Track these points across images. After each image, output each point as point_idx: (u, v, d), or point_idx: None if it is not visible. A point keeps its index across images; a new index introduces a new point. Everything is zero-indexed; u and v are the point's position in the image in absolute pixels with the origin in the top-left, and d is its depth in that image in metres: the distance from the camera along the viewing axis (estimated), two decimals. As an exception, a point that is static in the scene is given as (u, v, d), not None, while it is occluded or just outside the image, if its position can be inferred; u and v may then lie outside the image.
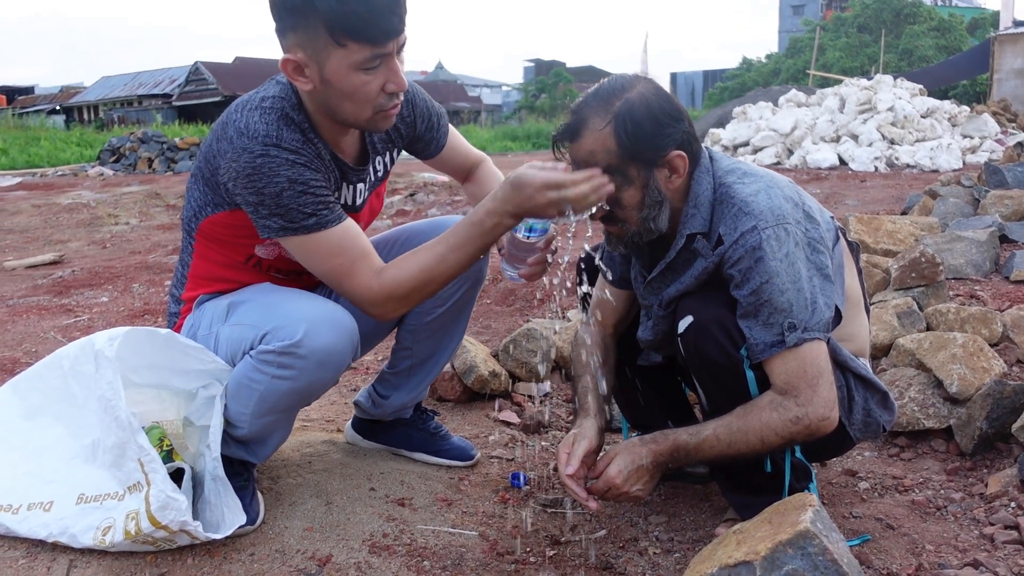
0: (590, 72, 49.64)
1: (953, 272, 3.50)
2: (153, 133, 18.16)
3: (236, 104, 1.72)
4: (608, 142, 1.62)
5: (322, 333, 1.67)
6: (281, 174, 1.62)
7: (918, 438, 2.35)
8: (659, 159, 1.64)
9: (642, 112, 1.61)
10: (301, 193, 1.63)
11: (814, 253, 1.65)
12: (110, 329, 1.80)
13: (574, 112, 1.67)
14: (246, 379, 1.73)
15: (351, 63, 1.57)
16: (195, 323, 1.88)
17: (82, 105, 45.72)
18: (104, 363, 1.72)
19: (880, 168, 11.07)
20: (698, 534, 1.94)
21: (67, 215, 8.72)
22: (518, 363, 2.88)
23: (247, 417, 1.77)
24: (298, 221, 1.65)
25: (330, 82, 1.61)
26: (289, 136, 1.65)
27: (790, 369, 1.61)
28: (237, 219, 1.74)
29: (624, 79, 1.67)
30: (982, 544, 1.79)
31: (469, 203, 2.21)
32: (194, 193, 1.80)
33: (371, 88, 1.62)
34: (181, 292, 1.94)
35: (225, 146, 1.65)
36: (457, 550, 1.84)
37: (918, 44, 31.82)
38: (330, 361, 1.70)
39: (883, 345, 2.74)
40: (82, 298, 4.81)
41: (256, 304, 1.78)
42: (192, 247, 1.87)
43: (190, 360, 1.81)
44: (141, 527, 1.63)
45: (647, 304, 1.86)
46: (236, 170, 1.63)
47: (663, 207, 1.68)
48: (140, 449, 1.67)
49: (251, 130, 1.63)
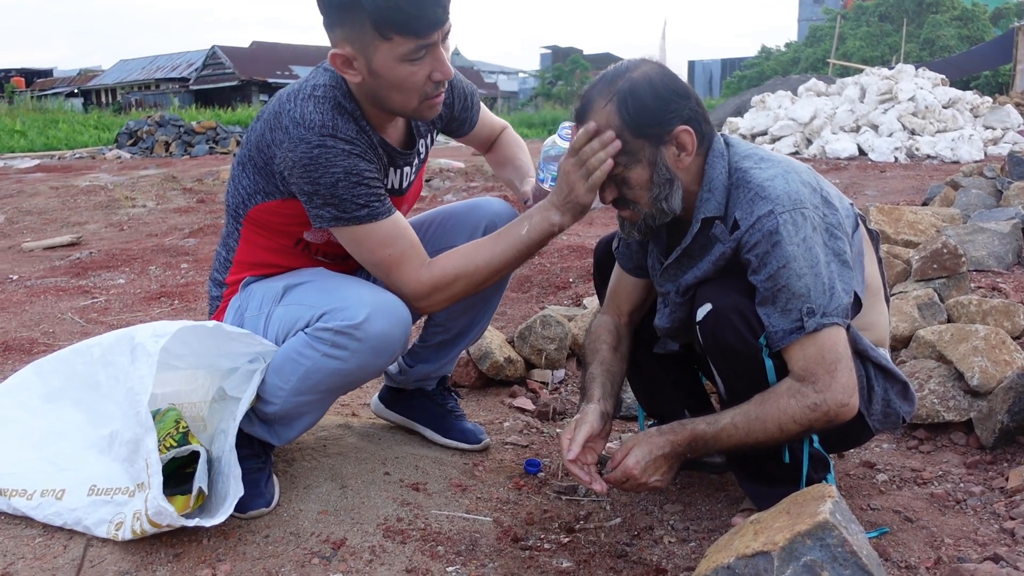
0: (607, 59, 49.36)
1: (975, 264, 3.46)
2: (170, 117, 18.22)
3: (287, 93, 1.75)
4: (612, 119, 1.62)
5: (382, 319, 1.70)
6: (338, 164, 1.66)
7: (938, 431, 2.32)
8: (665, 135, 1.63)
9: (644, 88, 1.62)
10: (356, 184, 1.68)
11: (832, 239, 1.63)
12: (156, 323, 1.79)
13: (582, 96, 1.69)
14: (295, 353, 1.75)
15: (397, 55, 1.62)
16: (242, 304, 1.89)
17: (100, 88, 45.93)
18: (142, 357, 1.71)
19: (900, 159, 10.97)
20: (714, 524, 1.93)
21: (84, 197, 8.76)
22: (533, 350, 2.87)
23: (284, 393, 1.78)
24: (351, 212, 1.69)
25: (378, 74, 1.65)
26: (344, 126, 1.69)
27: (808, 355, 1.59)
28: (289, 207, 1.77)
29: (629, 62, 1.68)
30: (1002, 538, 1.77)
31: (493, 170, 2.24)
32: (242, 181, 1.82)
33: (418, 78, 1.66)
34: (224, 276, 1.96)
35: (281, 136, 1.69)
36: (471, 535, 1.84)
37: (940, 34, 31.45)
38: (384, 348, 1.73)
39: (903, 337, 2.71)
40: (99, 280, 4.83)
41: (315, 286, 1.81)
42: (239, 232, 1.89)
43: (236, 344, 1.82)
44: (144, 528, 1.64)
45: (664, 291, 1.84)
46: (293, 160, 1.67)
47: (674, 186, 1.67)
48: (148, 451, 1.67)
49: (307, 120, 1.67)
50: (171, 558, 1.66)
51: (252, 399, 1.79)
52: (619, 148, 1.64)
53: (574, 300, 3.69)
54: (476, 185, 8.72)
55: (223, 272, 1.96)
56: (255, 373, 1.80)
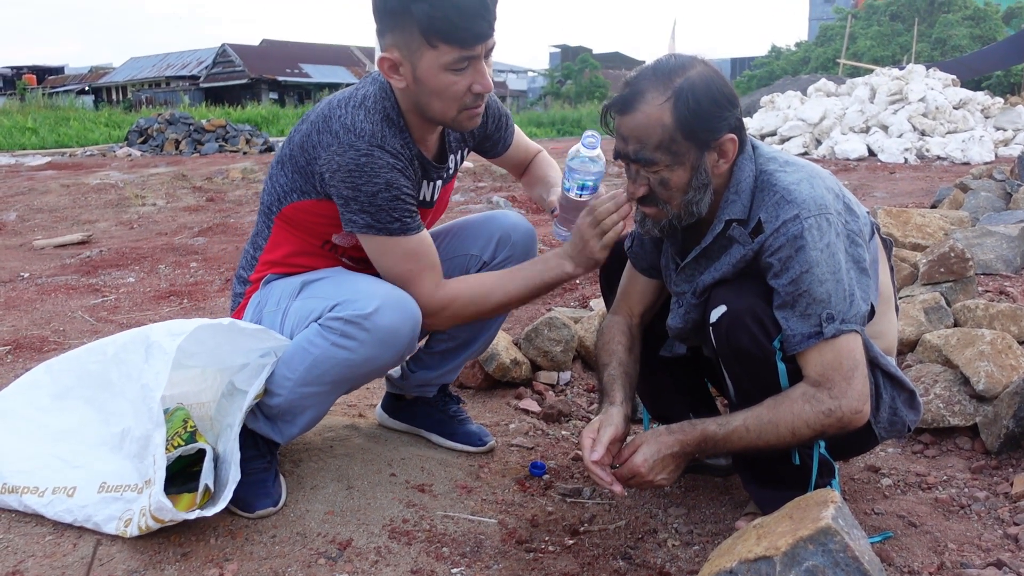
0: (617, 58, 49.31)
1: (983, 267, 3.45)
2: (180, 115, 18.26)
3: (338, 99, 1.81)
4: (665, 117, 1.59)
5: (391, 312, 1.74)
6: (381, 176, 1.73)
7: (943, 435, 2.32)
8: (712, 141, 1.62)
9: (703, 91, 1.59)
10: (394, 198, 1.75)
11: (852, 246, 1.63)
12: (172, 322, 1.82)
13: (631, 84, 1.65)
14: (305, 342, 1.78)
15: (441, 64, 1.68)
16: (262, 300, 1.94)
17: (111, 86, 46.14)
18: (158, 355, 1.74)
19: (910, 160, 10.93)
20: (718, 527, 1.94)
21: (95, 195, 8.81)
22: (540, 352, 2.88)
23: (290, 383, 1.80)
24: (384, 223, 1.76)
25: (422, 80, 1.71)
26: (392, 139, 1.76)
27: (826, 361, 1.59)
28: (323, 208, 1.83)
29: (685, 58, 1.65)
30: (1006, 544, 1.77)
31: (526, 194, 2.27)
32: (279, 179, 1.87)
33: (459, 88, 1.72)
34: (249, 274, 2.01)
35: (329, 139, 1.74)
36: (476, 537, 1.85)
37: (952, 33, 31.31)
38: (391, 341, 1.76)
39: (910, 340, 2.71)
40: (109, 278, 4.86)
41: (331, 281, 1.86)
42: (269, 230, 1.94)
43: (250, 340, 1.85)
44: (149, 524, 1.66)
45: (679, 291, 1.84)
46: (339, 163, 1.73)
47: (707, 191, 1.67)
48: (156, 446, 1.69)
49: (358, 128, 1.73)
50: (179, 557, 1.67)
51: (260, 391, 1.81)
52: (629, 213, 1.74)
53: (580, 302, 3.70)
54: (484, 185, 8.73)
55: (248, 270, 2.01)
56: (265, 367, 1.83)
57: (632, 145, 1.63)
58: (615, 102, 1.65)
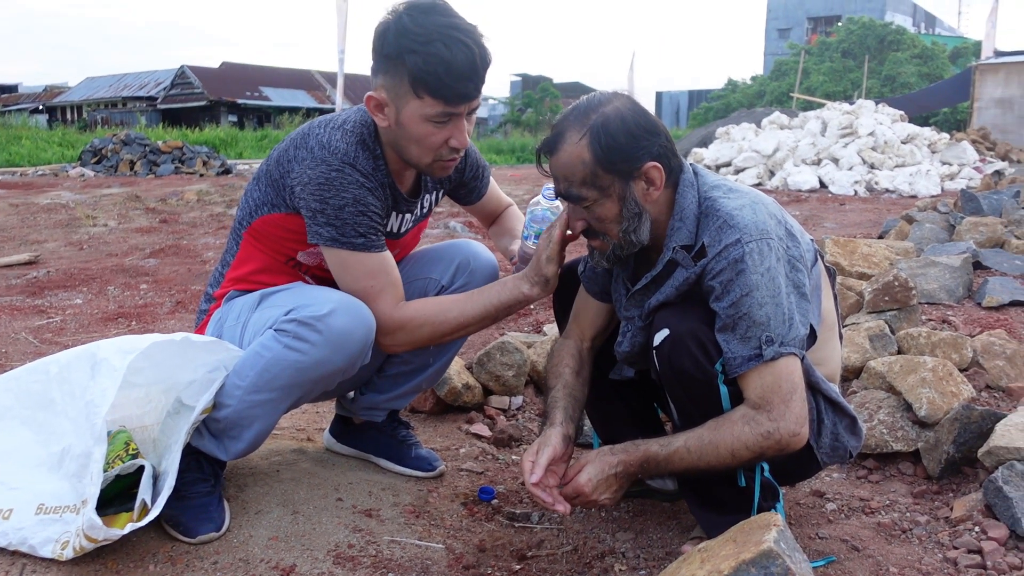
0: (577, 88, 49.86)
1: (926, 297, 3.54)
2: (136, 135, 18.00)
3: (319, 120, 1.90)
4: (584, 154, 1.65)
5: (344, 316, 1.77)
6: (349, 191, 1.79)
7: (886, 460, 2.36)
8: (634, 171, 1.66)
9: (616, 125, 1.64)
10: (360, 214, 1.80)
11: (793, 271, 1.66)
12: (123, 338, 1.79)
13: (554, 126, 1.72)
14: (258, 347, 1.79)
15: (424, 114, 1.76)
16: (222, 316, 1.96)
17: (66, 105, 45.46)
18: (107, 371, 1.71)
19: (860, 192, 11.18)
20: (665, 551, 1.94)
21: (45, 215, 8.64)
22: (492, 376, 2.87)
23: (240, 391, 1.79)
24: (348, 237, 1.81)
25: (403, 125, 1.79)
26: (364, 160, 1.83)
27: (765, 383, 1.62)
28: (291, 223, 1.87)
29: (602, 96, 1.70)
30: (945, 568, 1.80)
31: (492, 242, 2.37)
32: (254, 194, 1.93)
33: (436, 139, 1.80)
34: (215, 290, 2.03)
35: (304, 154, 1.81)
36: (423, 562, 1.83)
37: (901, 71, 32.27)
38: (343, 344, 1.77)
39: (855, 367, 2.76)
40: (56, 299, 4.75)
41: (289, 291, 1.89)
42: (238, 246, 1.98)
43: (202, 353, 1.83)
44: (83, 544, 1.62)
45: (628, 316, 1.86)
46: (310, 176, 1.79)
47: (642, 219, 1.70)
48: (95, 462, 1.65)
49: (332, 146, 1.80)
50: (115, 584, 1.63)
51: (209, 404, 1.78)
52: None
53: (534, 327, 3.71)
54: (441, 210, 8.73)
55: (215, 286, 2.03)
56: (214, 381, 1.80)
57: (562, 184, 1.70)
58: (542, 145, 1.73)
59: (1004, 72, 19.89)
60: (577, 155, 1.65)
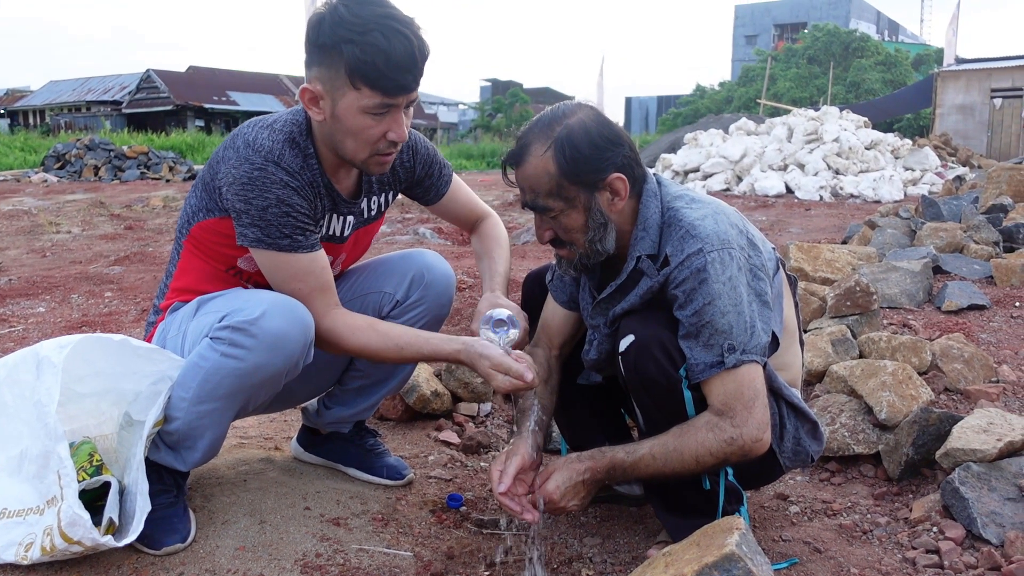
0: (547, 93, 50.07)
1: (888, 301, 3.60)
2: (100, 140, 17.80)
3: (251, 121, 1.86)
4: (549, 166, 1.67)
5: (277, 317, 1.73)
6: (272, 191, 1.75)
7: (848, 463, 2.41)
8: (599, 182, 1.69)
9: (581, 137, 1.66)
10: (285, 215, 1.76)
11: (755, 279, 1.69)
12: (61, 337, 1.77)
13: (519, 138, 1.74)
14: (196, 357, 1.76)
15: (361, 106, 1.71)
16: (166, 328, 1.92)
17: (28, 109, 44.75)
18: (48, 369, 1.69)
19: (825, 197, 11.35)
20: (631, 556, 1.96)
21: (6, 222, 8.51)
22: (460, 383, 2.88)
23: (186, 403, 1.76)
24: (274, 238, 1.77)
25: (339, 118, 1.74)
26: (290, 158, 1.78)
27: (728, 390, 1.64)
28: (226, 227, 1.83)
29: (566, 107, 1.73)
30: (904, 568, 1.84)
31: (475, 257, 2.26)
32: (191, 200, 1.90)
33: (373, 132, 1.75)
34: (160, 302, 1.99)
35: (230, 154, 1.78)
36: (391, 570, 1.84)
37: (865, 77, 32.78)
38: (280, 346, 1.73)
39: (817, 371, 2.81)
40: (18, 308, 4.69)
41: (223, 297, 1.85)
42: (179, 255, 1.95)
43: (142, 362, 1.80)
44: (55, 543, 1.60)
45: (594, 324, 1.88)
46: (234, 176, 1.75)
47: (607, 229, 1.72)
48: (60, 460, 1.64)
49: (257, 144, 1.77)
50: (79, 597, 1.61)
51: (159, 418, 1.77)
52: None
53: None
54: (411, 216, 8.72)
55: (161, 298, 2.00)
56: (160, 394, 1.78)
57: (528, 195, 1.72)
58: (508, 157, 1.75)
59: (965, 79, 20.28)
60: (542, 167, 1.67)
